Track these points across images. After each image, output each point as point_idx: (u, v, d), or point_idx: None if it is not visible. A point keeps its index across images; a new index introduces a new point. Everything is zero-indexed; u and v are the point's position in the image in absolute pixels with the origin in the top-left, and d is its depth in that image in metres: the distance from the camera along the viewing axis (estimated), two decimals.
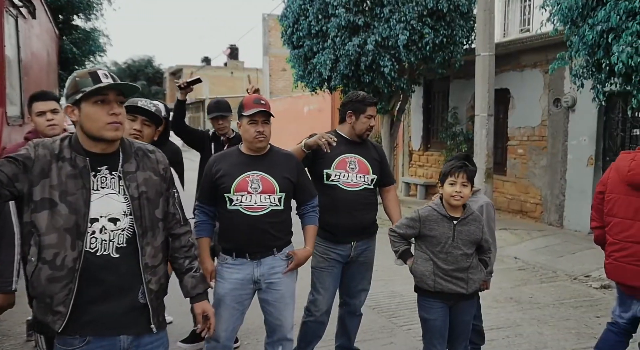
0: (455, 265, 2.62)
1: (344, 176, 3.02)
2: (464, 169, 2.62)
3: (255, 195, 2.54)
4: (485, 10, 7.31)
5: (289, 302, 2.69)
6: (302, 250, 2.70)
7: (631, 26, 4.02)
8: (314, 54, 8.83)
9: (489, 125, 7.52)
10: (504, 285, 5.47)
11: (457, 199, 2.61)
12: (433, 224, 2.64)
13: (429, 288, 2.65)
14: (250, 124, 2.54)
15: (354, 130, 3.09)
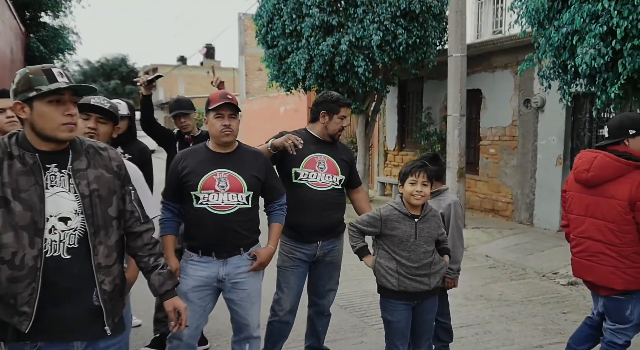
0: (419, 262, 2.64)
1: (313, 175, 3.01)
2: (424, 169, 2.65)
3: (223, 193, 2.51)
4: (457, 11, 7.41)
5: (255, 301, 2.68)
6: (265, 249, 2.68)
7: (594, 29, 4.12)
8: (289, 53, 8.81)
9: (461, 125, 7.62)
10: (474, 283, 5.54)
11: (417, 199, 2.63)
12: (394, 223, 2.65)
13: (392, 287, 2.66)
14: (217, 118, 2.52)
15: (327, 131, 3.08)
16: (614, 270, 2.71)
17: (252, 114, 20.50)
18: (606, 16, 4.04)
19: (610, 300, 2.81)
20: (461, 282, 5.48)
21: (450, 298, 4.92)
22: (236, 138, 2.64)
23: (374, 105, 9.86)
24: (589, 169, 2.74)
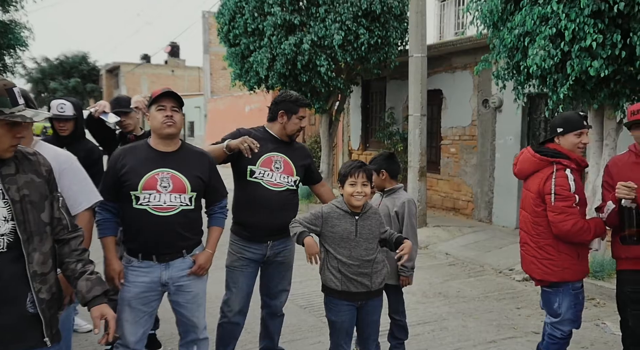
0: (360, 260, 2.62)
1: (268, 175, 2.98)
2: (363, 169, 2.64)
3: (165, 194, 2.43)
4: (417, 12, 7.49)
5: (201, 302, 2.63)
6: (203, 253, 2.62)
7: (544, 31, 4.22)
8: (251, 52, 8.74)
9: (422, 125, 7.72)
10: (434, 280, 5.62)
11: (358, 199, 2.62)
12: (335, 221, 2.64)
13: (336, 287, 2.64)
14: (159, 111, 2.44)
15: (285, 130, 3.05)
16: (534, 261, 2.85)
17: (217, 113, 20.27)
18: (555, 18, 4.15)
19: (542, 292, 2.93)
20: (421, 279, 5.63)
21: (409, 296, 5.03)
22: (179, 133, 2.56)
23: (338, 105, 9.89)
24: (516, 164, 2.94)
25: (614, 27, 4.07)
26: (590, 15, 4.00)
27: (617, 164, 2.63)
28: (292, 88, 8.83)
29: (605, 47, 4.09)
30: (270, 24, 8.03)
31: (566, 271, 2.76)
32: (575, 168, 2.74)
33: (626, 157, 2.66)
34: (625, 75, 4.38)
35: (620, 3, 3.84)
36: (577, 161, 2.75)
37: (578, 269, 2.78)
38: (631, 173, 2.56)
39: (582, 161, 2.78)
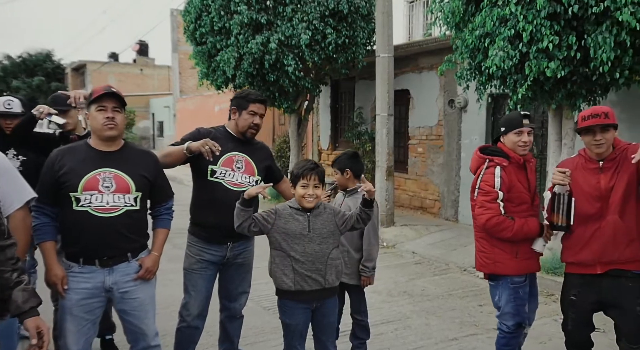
0: (313, 256, 2.60)
1: (230, 175, 2.93)
2: (316, 171, 2.62)
3: (108, 194, 2.34)
4: (384, 13, 7.53)
5: (149, 308, 2.54)
6: (149, 256, 2.54)
7: (503, 32, 4.30)
8: (218, 51, 8.63)
9: (389, 124, 7.76)
10: (399, 279, 5.65)
11: (309, 201, 2.61)
12: (288, 217, 2.62)
13: (289, 287, 2.61)
14: (99, 111, 2.35)
15: (237, 127, 3.01)
16: (475, 252, 3.01)
17: (186, 113, 19.99)
18: (513, 20, 4.23)
19: (489, 285, 3.04)
20: (387, 279, 5.66)
21: (375, 295, 5.06)
22: (121, 134, 2.48)
23: (307, 105, 9.86)
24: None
25: (570, 29, 4.17)
26: (546, 17, 4.08)
27: (566, 166, 2.65)
28: (259, 87, 8.77)
29: (562, 49, 4.19)
30: (236, 23, 7.95)
31: (498, 265, 2.82)
32: (509, 165, 2.81)
33: (575, 161, 2.68)
34: (581, 76, 4.49)
35: (574, 6, 3.93)
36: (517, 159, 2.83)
37: (515, 265, 2.81)
38: (579, 177, 2.59)
39: (519, 159, 2.82)
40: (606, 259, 2.51)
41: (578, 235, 2.59)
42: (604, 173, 2.53)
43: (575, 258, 2.59)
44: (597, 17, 3.97)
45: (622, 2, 3.77)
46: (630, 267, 2.51)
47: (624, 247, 2.49)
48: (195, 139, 2.83)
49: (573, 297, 2.63)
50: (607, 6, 3.84)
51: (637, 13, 3.78)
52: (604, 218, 2.51)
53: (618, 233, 2.48)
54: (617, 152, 2.52)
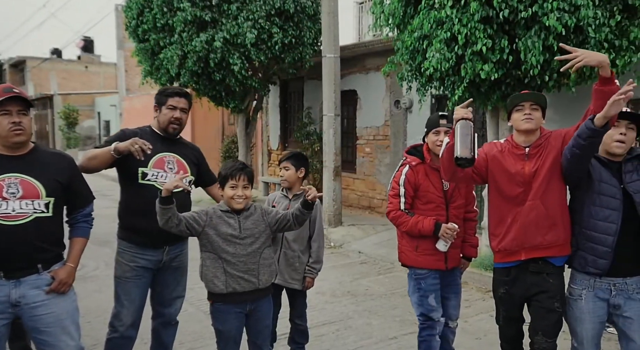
0: (245, 257, 2.57)
1: (162, 176, 2.83)
2: (244, 171, 2.59)
3: (14, 201, 2.19)
4: (329, 13, 7.55)
5: (68, 324, 2.36)
6: (64, 267, 2.40)
7: (440, 34, 4.38)
8: (161, 48, 8.40)
9: (336, 125, 7.79)
10: (344, 279, 5.67)
11: (238, 203, 2.57)
12: (218, 220, 2.57)
13: (221, 291, 2.56)
14: (3, 116, 2.20)
15: (159, 124, 2.92)
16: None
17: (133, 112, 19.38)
18: (449, 23, 4.32)
19: None
20: (332, 279, 5.66)
21: (319, 296, 5.04)
22: (30, 138, 2.34)
23: (255, 105, 9.76)
24: None
25: (502, 33, 4.30)
26: (480, 21, 4.20)
27: (492, 148, 2.61)
28: (205, 87, 8.61)
29: (495, 52, 4.32)
30: (180, 20, 7.76)
31: (402, 255, 3.05)
32: (419, 165, 2.92)
33: (503, 145, 2.62)
34: (514, 79, 4.64)
35: (505, 10, 4.05)
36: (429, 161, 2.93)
37: (415, 258, 2.98)
38: (504, 159, 2.54)
39: (431, 160, 2.91)
40: (529, 243, 2.50)
41: (501, 219, 2.58)
42: (529, 160, 2.50)
43: (500, 245, 2.58)
44: (526, 21, 4.12)
45: (549, 8, 3.92)
46: (552, 252, 2.51)
47: (545, 230, 2.47)
48: (121, 140, 2.71)
49: (502, 293, 2.66)
50: (535, 11, 3.98)
51: (562, 18, 3.94)
52: (526, 202, 2.49)
53: (540, 217, 2.47)
54: (542, 139, 2.52)
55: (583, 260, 2.48)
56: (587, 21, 3.95)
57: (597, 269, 2.43)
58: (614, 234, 2.37)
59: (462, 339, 3.91)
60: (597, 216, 2.41)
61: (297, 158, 3.25)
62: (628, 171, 2.43)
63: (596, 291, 2.45)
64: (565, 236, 2.51)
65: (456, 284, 3.13)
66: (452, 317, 3.15)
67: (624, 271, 2.41)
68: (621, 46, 4.17)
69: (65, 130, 22.47)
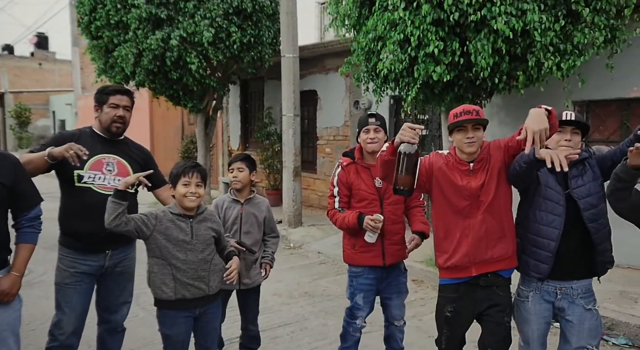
0: (196, 264, 2.52)
1: (100, 178, 2.75)
2: (198, 169, 2.56)
3: None
4: (288, 13, 7.52)
5: (8, 336, 2.24)
6: (7, 276, 2.27)
7: (393, 36, 4.42)
8: (115, 46, 8.17)
9: (295, 125, 7.77)
10: (302, 280, 5.65)
11: (191, 200, 2.52)
12: (169, 223, 2.51)
13: (169, 297, 2.50)
14: None
15: (101, 124, 2.82)
16: None
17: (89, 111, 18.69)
18: (402, 25, 4.37)
19: None
20: (290, 280, 5.64)
21: (275, 297, 5.01)
22: None
23: (214, 104, 9.63)
24: None
25: (453, 35, 4.38)
26: (432, 23, 4.26)
27: (438, 160, 2.58)
28: (162, 86, 8.44)
29: (447, 54, 4.39)
30: (134, 17, 7.56)
31: (344, 253, 3.14)
32: (350, 165, 3.00)
33: (447, 157, 2.58)
34: (467, 81, 4.74)
35: (455, 13, 4.13)
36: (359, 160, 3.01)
37: (352, 256, 3.04)
38: (450, 173, 2.51)
39: (359, 159, 3.00)
40: (480, 258, 2.45)
41: (448, 232, 2.52)
42: (474, 175, 2.47)
43: (450, 262, 2.49)
44: (476, 24, 4.21)
45: (497, 12, 4.02)
46: (502, 265, 2.49)
47: (495, 244, 2.45)
48: (58, 144, 2.62)
49: (448, 313, 2.54)
50: (484, 15, 4.07)
51: (510, 22, 4.04)
52: (474, 216, 2.45)
53: (490, 231, 2.44)
54: (484, 152, 2.49)
55: (526, 264, 2.49)
56: (534, 25, 4.07)
57: (538, 274, 2.45)
58: (556, 240, 2.38)
59: (416, 337, 3.96)
60: (542, 221, 2.42)
61: (250, 160, 3.23)
62: (574, 176, 2.44)
63: (542, 294, 2.48)
64: (513, 248, 2.51)
65: (398, 284, 3.11)
66: (395, 317, 3.15)
67: (569, 276, 2.43)
68: (566, 50, 4.32)
69: (17, 130, 21.57)
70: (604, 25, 4.31)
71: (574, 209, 2.39)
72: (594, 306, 2.47)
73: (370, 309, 3.13)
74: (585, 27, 4.26)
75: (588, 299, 2.46)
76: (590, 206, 2.39)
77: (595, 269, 2.47)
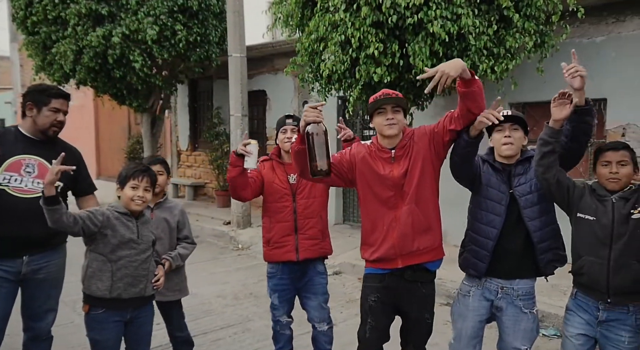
0: (137, 263, 2.51)
1: (16, 180, 2.64)
2: (148, 173, 2.55)
3: None
4: (235, 12, 7.45)
5: None
6: None
7: (335, 37, 4.47)
8: (54, 42, 7.84)
9: (243, 125, 7.70)
10: (248, 281, 5.62)
11: (138, 204, 2.52)
12: (116, 221, 2.48)
13: (103, 295, 2.45)
14: None
15: (36, 125, 2.71)
16: None
17: None
18: (343, 26, 4.42)
19: None
20: (235, 281, 5.59)
21: (220, 299, 4.96)
22: None
23: (161, 104, 9.40)
24: None
25: (393, 37, 4.47)
26: (372, 25, 4.33)
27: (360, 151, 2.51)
28: (104, 84, 8.17)
29: (387, 56, 4.47)
30: (73, 13, 7.28)
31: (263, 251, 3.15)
32: (267, 161, 3.08)
33: (370, 147, 2.51)
34: (408, 82, 4.84)
35: (393, 16, 4.21)
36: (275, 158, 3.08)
37: (267, 252, 3.09)
38: (373, 161, 2.45)
39: (276, 156, 3.08)
40: (406, 250, 2.40)
41: (374, 224, 2.46)
42: (396, 162, 2.41)
43: (375, 255, 2.45)
44: (414, 27, 4.31)
45: (433, 16, 4.13)
46: (428, 257, 2.45)
47: (421, 235, 2.40)
48: None
49: (372, 302, 2.49)
50: (420, 18, 4.17)
51: (445, 26, 4.17)
52: (400, 207, 2.40)
53: (416, 222, 2.39)
54: (406, 139, 2.42)
55: (466, 261, 2.53)
56: (468, 29, 4.21)
57: (476, 271, 2.48)
58: (494, 239, 2.40)
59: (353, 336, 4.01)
60: (482, 220, 2.45)
61: (166, 163, 3.18)
62: (518, 174, 2.46)
63: (484, 291, 2.50)
64: (439, 239, 2.48)
65: (314, 285, 3.07)
66: (314, 319, 3.12)
67: (511, 274, 2.44)
68: (499, 54, 4.49)
69: None
70: (534, 31, 4.52)
71: (517, 208, 2.40)
72: (532, 309, 2.47)
73: (289, 307, 3.15)
74: (517, 32, 4.45)
75: (527, 302, 2.46)
76: (531, 204, 2.40)
77: (539, 268, 2.45)
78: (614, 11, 5.09)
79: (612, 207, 2.26)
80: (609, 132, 5.24)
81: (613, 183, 2.27)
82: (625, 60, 5.05)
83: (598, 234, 2.27)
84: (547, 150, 2.29)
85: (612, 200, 2.26)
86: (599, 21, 5.20)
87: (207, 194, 10.52)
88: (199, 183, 10.57)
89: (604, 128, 5.31)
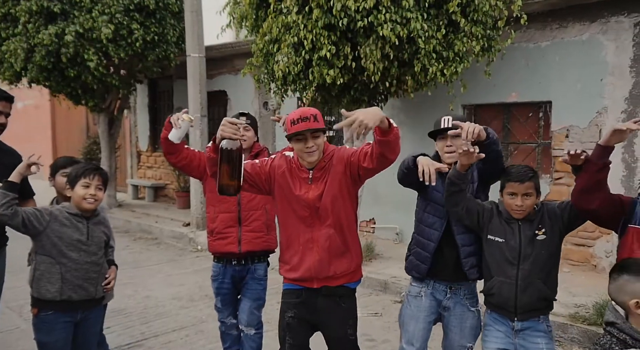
0: (88, 265, 2.49)
1: None
2: (99, 172, 2.54)
3: None
4: (193, 12, 7.39)
5: None
6: None
7: (288, 39, 4.51)
8: (3, 40, 7.59)
9: (202, 126, 7.64)
10: (205, 283, 5.56)
11: (90, 203, 2.48)
12: (65, 221, 2.45)
13: (54, 297, 2.42)
14: None
15: None
16: None
17: None
18: (296, 28, 4.46)
19: None
20: (192, 283, 5.55)
21: (175, 301, 4.93)
22: None
23: (119, 103, 9.23)
24: None
25: (345, 40, 4.54)
26: (324, 27, 4.38)
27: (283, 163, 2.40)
28: (58, 83, 7.97)
29: (340, 58, 4.54)
30: (24, 10, 7.07)
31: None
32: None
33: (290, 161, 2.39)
34: (362, 84, 4.92)
35: (344, 19, 4.28)
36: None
37: (211, 243, 3.04)
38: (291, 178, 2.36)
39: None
40: (323, 274, 2.34)
41: (290, 241, 2.40)
42: (313, 183, 2.32)
43: (293, 275, 2.39)
44: (365, 30, 4.39)
45: (383, 19, 4.22)
46: (344, 280, 2.40)
47: (338, 259, 2.35)
48: None
49: (289, 319, 2.41)
50: (371, 22, 4.25)
51: (395, 29, 4.26)
52: (316, 227, 2.33)
53: (332, 246, 2.33)
54: (326, 160, 2.32)
55: (410, 263, 2.56)
56: (417, 33, 4.31)
57: (418, 273, 2.51)
58: (435, 241, 2.44)
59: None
60: (426, 222, 2.49)
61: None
62: None
63: (433, 291, 2.52)
64: (356, 261, 2.44)
65: (250, 289, 3.04)
66: (241, 321, 3.07)
67: (453, 277, 2.47)
68: (448, 57, 4.62)
69: None
70: (481, 35, 4.67)
71: None
72: (477, 307, 2.54)
73: (232, 309, 3.16)
74: (465, 37, 4.59)
75: (472, 300, 2.53)
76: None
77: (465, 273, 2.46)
78: (557, 17, 5.31)
79: (518, 229, 2.33)
80: (554, 133, 5.46)
81: (518, 213, 2.33)
82: (569, 64, 5.28)
83: (507, 255, 2.32)
84: (455, 190, 2.34)
85: (519, 223, 2.35)
86: (543, 27, 5.41)
87: (167, 195, 10.38)
88: (160, 184, 10.42)
89: (549, 130, 5.53)
